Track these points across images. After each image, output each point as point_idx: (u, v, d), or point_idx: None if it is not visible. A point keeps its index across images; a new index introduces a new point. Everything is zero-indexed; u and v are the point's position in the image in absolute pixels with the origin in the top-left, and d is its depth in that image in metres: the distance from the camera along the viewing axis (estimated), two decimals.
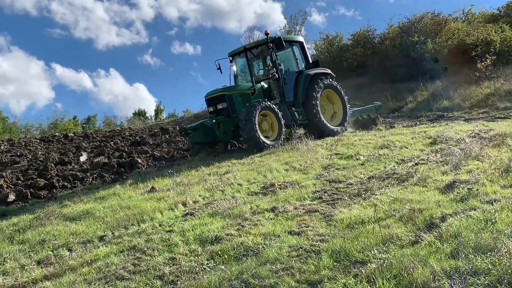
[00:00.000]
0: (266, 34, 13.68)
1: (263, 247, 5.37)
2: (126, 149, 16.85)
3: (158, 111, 52.59)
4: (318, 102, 14.15)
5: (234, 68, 15.20)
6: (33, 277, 5.47)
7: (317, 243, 5.24)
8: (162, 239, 6.25)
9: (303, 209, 6.85)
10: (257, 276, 4.54)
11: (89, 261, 5.81)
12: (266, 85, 14.52)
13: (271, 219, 6.53)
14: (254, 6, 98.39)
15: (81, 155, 15.73)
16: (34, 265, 5.99)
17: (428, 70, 30.04)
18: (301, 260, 4.81)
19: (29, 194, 11.19)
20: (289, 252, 5.07)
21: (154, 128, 24.63)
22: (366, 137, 13.34)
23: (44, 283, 5.26)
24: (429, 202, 6.14)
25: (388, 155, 10.67)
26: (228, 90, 13.70)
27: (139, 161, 13.75)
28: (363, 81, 34.62)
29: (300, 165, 10.57)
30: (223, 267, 5.00)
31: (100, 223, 7.64)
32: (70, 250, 6.47)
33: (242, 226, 6.32)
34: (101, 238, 6.82)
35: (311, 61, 15.26)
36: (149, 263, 5.41)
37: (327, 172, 9.51)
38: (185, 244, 5.93)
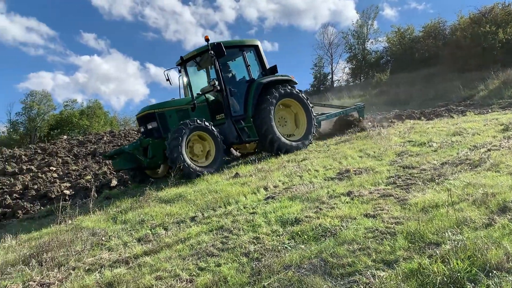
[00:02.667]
0: (206, 40, 11.91)
1: (340, 228, 5.77)
2: None
3: None
4: (271, 114, 12.32)
5: (184, 78, 13.33)
6: (135, 252, 6.25)
7: (392, 225, 5.56)
8: (247, 220, 6.84)
9: (378, 193, 7.18)
10: (335, 255, 4.94)
11: (182, 239, 6.50)
12: (212, 98, 12.90)
13: (347, 202, 6.94)
14: (328, 4, 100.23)
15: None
16: (135, 242, 6.79)
17: (499, 59, 30.20)
18: (377, 241, 5.15)
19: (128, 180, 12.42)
20: (365, 234, 5.43)
21: None
22: (438, 125, 13.75)
23: (144, 258, 5.98)
24: (502, 187, 6.28)
25: (460, 141, 10.86)
26: (159, 107, 11.99)
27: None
28: (434, 71, 34.61)
29: (374, 152, 11.04)
30: (303, 246, 5.44)
31: (191, 205, 8.40)
32: (165, 229, 7.23)
33: (320, 209, 6.77)
34: (192, 219, 7.54)
35: (267, 67, 13.28)
36: (235, 242, 5.98)
37: (401, 159, 9.82)
38: (268, 225, 6.45)
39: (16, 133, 43.18)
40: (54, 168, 14.87)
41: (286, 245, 5.57)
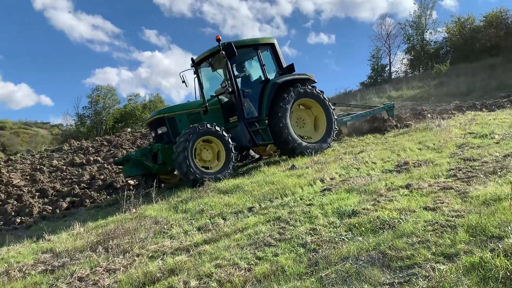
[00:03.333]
0: (218, 40, 11.22)
1: (398, 221, 5.73)
2: None
3: None
4: (287, 115, 11.57)
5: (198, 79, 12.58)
6: (195, 241, 6.45)
7: (453, 219, 5.45)
8: (303, 212, 6.89)
9: (438, 186, 7.03)
10: (393, 248, 4.91)
11: (240, 228, 6.65)
12: (226, 100, 12.23)
13: (405, 195, 6.84)
14: None
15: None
16: (195, 231, 7.01)
17: None
18: (437, 234, 5.08)
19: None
20: (424, 227, 5.36)
21: None
22: (500, 116, 13.24)
23: (204, 246, 6.16)
24: None
25: None
26: (169, 111, 11.67)
27: None
28: (497, 61, 33.35)
29: (434, 144, 10.77)
30: (360, 238, 5.45)
31: (249, 196, 8.54)
32: (224, 218, 7.41)
33: (378, 201, 6.72)
34: (250, 209, 7.67)
35: (284, 66, 12.46)
36: (292, 232, 6.05)
37: (461, 151, 9.54)
38: (325, 217, 6.48)
39: (83, 126, 44.99)
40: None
41: (343, 237, 5.59)
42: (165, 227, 7.42)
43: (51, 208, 11.46)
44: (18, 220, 10.57)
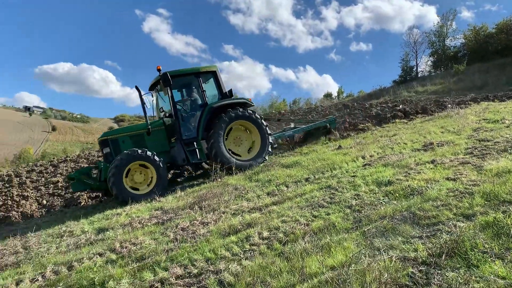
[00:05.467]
0: (158, 70, 9.78)
1: (425, 188, 5.58)
2: (320, 120, 17.83)
3: (339, 93, 54.37)
4: (220, 137, 9.99)
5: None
6: (265, 203, 6.57)
7: (470, 187, 5.26)
8: (349, 181, 6.83)
9: (457, 161, 6.77)
10: (422, 209, 4.82)
11: (300, 194, 6.69)
12: (170, 121, 10.51)
13: (431, 169, 6.63)
14: (413, 10, 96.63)
15: (290, 124, 17.16)
16: (265, 195, 7.11)
17: None
18: (457, 199, 4.94)
19: None
20: (447, 193, 5.21)
21: (338, 105, 24.96)
22: (510, 105, 12.59)
23: (272, 207, 6.27)
24: None
25: None
26: (112, 134, 10.16)
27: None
28: (507, 60, 32.53)
29: (453, 128, 10.33)
30: (395, 202, 5.37)
31: (305, 169, 8.54)
32: (287, 186, 7.46)
33: (408, 173, 6.55)
34: (306, 179, 7.68)
35: (225, 91, 10.73)
36: (340, 197, 6.03)
37: (477, 133, 9.08)
38: (366, 185, 6.41)
39: None
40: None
41: (381, 201, 5.53)
42: (243, 192, 7.59)
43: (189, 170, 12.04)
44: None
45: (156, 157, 9.20)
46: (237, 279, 3.85)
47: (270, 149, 10.71)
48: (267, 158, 10.58)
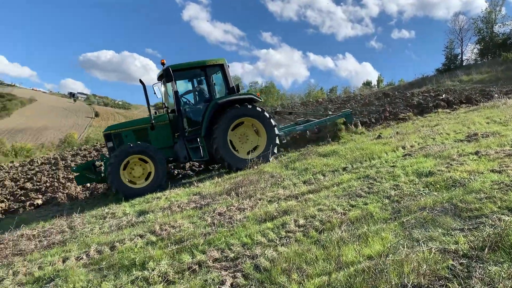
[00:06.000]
0: (162, 64, 9.45)
1: (468, 180, 5.41)
2: (358, 109, 17.46)
3: (379, 81, 53.04)
4: (223, 134, 9.52)
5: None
6: (301, 191, 6.57)
7: None
8: (388, 172, 6.71)
9: (503, 153, 6.49)
10: (464, 201, 4.68)
11: (337, 183, 6.64)
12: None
13: (474, 160, 6.41)
14: None
15: (328, 113, 16.94)
16: (301, 183, 7.11)
17: None
18: (502, 192, 4.76)
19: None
20: (491, 185, 5.03)
21: (377, 94, 24.37)
22: None
23: (309, 195, 6.27)
24: None
25: None
26: (115, 128, 9.90)
27: (366, 119, 14.13)
28: None
29: (500, 119, 9.92)
30: (436, 193, 5.24)
31: (343, 158, 8.46)
32: (323, 175, 7.43)
33: (450, 164, 6.35)
34: (344, 169, 7.61)
35: (232, 86, 10.09)
36: (379, 187, 5.95)
37: None
38: (405, 176, 6.27)
39: None
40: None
41: (421, 192, 5.41)
42: (279, 180, 7.61)
43: (198, 164, 12.11)
44: (176, 172, 11.45)
45: (151, 149, 8.94)
46: (273, 265, 3.90)
47: (275, 151, 10.05)
48: (270, 160, 9.84)
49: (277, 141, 10.08)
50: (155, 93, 9.99)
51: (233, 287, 3.67)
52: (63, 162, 16.78)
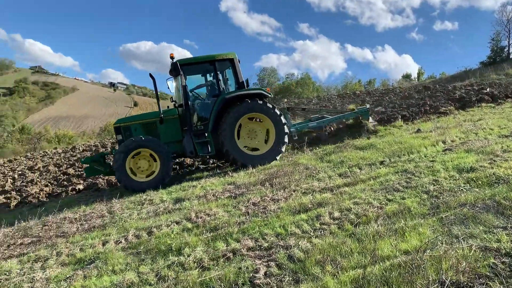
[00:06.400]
0: (171, 58, 9.33)
1: None
2: (397, 102, 17.03)
3: (419, 74, 51.33)
4: (230, 129, 9.26)
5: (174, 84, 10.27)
6: (337, 184, 6.51)
7: None
8: (427, 166, 6.53)
9: None
10: (508, 199, 4.50)
11: (373, 176, 6.54)
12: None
13: None
14: None
15: (365, 106, 16.50)
16: (336, 176, 7.05)
17: None
18: None
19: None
20: None
21: (417, 87, 23.65)
22: None
23: (344, 188, 6.20)
24: None
25: None
26: (124, 121, 9.90)
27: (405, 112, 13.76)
28: None
29: None
30: (477, 189, 5.06)
31: (380, 152, 8.31)
32: (360, 168, 7.32)
33: (494, 161, 6.12)
34: (381, 162, 7.47)
35: (241, 81, 9.83)
36: (417, 182, 5.80)
37: None
38: (445, 171, 6.09)
39: None
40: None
41: (462, 188, 5.24)
42: (314, 172, 7.57)
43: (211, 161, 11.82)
44: (211, 162, 11.60)
45: (155, 142, 8.90)
46: (307, 256, 3.91)
47: (286, 140, 9.69)
48: (283, 150, 9.62)
49: (286, 138, 9.74)
50: (168, 87, 10.05)
51: (267, 276, 3.71)
52: (104, 149, 17.34)
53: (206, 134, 9.37)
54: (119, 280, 4.09)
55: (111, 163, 8.90)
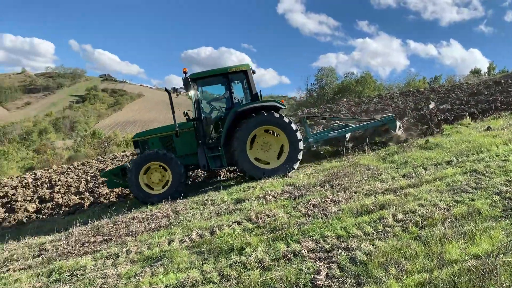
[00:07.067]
0: (184, 72, 9.30)
1: None
2: (465, 98, 16.05)
3: (490, 69, 47.92)
4: (242, 143, 9.02)
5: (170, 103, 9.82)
6: (400, 185, 6.31)
7: None
8: (499, 166, 6.17)
9: None
10: None
11: (439, 177, 6.27)
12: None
13: None
14: None
15: (430, 103, 15.73)
16: (400, 177, 6.83)
17: None
18: None
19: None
20: None
21: (487, 82, 22.15)
22: None
23: (408, 189, 6.00)
24: None
25: None
26: (142, 135, 10.06)
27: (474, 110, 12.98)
28: None
29: None
30: None
31: (447, 152, 7.94)
32: (425, 169, 7.04)
33: None
34: (448, 162, 7.14)
35: (255, 92, 9.53)
36: (488, 183, 5.49)
37: None
38: None
39: (311, 97, 46.85)
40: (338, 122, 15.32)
41: None
42: (376, 173, 7.39)
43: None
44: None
45: (168, 155, 8.97)
46: (369, 258, 3.83)
47: (299, 157, 9.24)
48: (295, 167, 9.21)
49: (300, 155, 9.30)
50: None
51: (328, 278, 3.69)
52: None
53: (220, 148, 9.24)
54: (184, 277, 4.26)
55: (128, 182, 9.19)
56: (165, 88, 9.53)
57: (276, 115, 9.11)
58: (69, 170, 19.05)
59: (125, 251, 5.54)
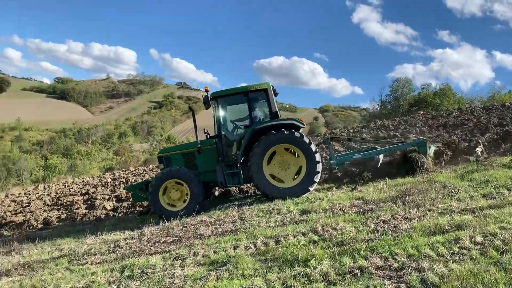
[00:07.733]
0: (206, 91, 9.26)
1: None
2: None
3: None
4: (259, 161, 8.91)
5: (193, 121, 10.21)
6: (480, 205, 5.90)
7: None
8: None
9: None
10: None
11: None
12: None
13: None
14: None
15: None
16: (480, 197, 6.39)
17: None
18: None
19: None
20: None
21: None
22: None
23: (489, 210, 5.59)
24: None
25: None
26: (166, 152, 10.34)
27: None
28: None
29: None
30: None
31: None
32: (508, 189, 6.54)
33: None
34: None
35: (274, 110, 9.39)
36: None
37: None
38: None
39: (385, 109, 45.38)
40: (413, 135, 14.54)
41: None
42: (453, 191, 6.96)
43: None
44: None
45: (188, 173, 9.18)
46: (442, 281, 3.62)
47: (316, 179, 9.00)
48: (311, 189, 8.98)
49: (317, 177, 9.07)
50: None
51: None
52: None
53: (238, 165, 9.25)
54: (248, 284, 4.31)
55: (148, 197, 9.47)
56: (189, 105, 10.26)
57: (297, 134, 9.02)
58: (144, 172, 20.16)
59: (192, 253, 5.74)
